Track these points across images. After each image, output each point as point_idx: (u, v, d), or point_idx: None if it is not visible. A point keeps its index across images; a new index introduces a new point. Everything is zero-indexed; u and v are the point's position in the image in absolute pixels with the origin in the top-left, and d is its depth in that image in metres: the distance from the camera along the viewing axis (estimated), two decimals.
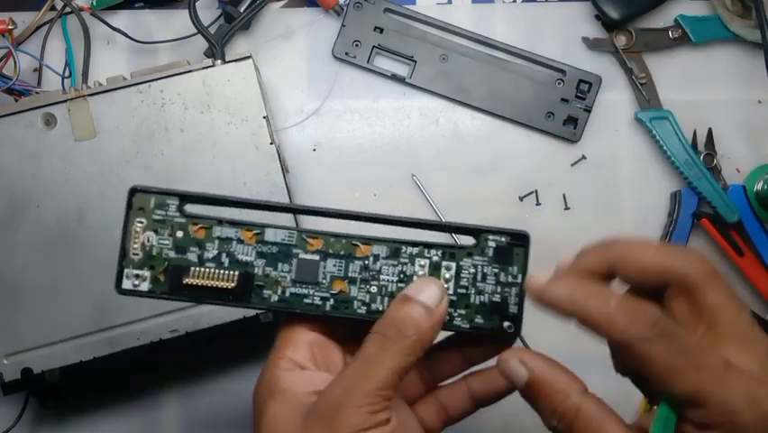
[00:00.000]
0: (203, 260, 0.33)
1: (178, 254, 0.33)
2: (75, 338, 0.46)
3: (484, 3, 0.57)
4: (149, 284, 0.33)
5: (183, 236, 0.33)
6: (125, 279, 0.33)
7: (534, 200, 0.55)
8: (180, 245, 0.33)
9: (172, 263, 0.33)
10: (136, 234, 0.33)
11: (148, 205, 0.33)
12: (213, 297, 0.33)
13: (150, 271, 0.33)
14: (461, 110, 0.56)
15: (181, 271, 0.33)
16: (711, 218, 0.54)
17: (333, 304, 0.34)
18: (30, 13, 0.54)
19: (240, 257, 0.33)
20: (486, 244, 0.35)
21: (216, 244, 0.33)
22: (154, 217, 0.33)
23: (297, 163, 0.55)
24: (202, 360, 0.53)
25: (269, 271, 0.34)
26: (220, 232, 0.33)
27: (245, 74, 0.48)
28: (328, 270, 0.34)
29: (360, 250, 0.34)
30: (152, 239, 0.33)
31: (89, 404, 0.53)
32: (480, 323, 0.35)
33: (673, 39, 0.56)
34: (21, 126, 0.47)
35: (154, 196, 0.33)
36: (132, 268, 0.33)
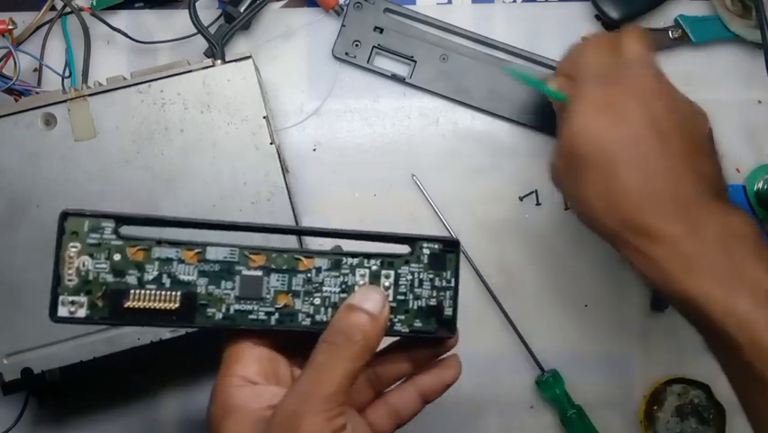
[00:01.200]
0: (143, 282, 0.33)
1: (116, 278, 0.33)
2: (75, 338, 0.46)
3: (484, 3, 0.57)
4: (86, 310, 0.32)
5: (121, 259, 0.33)
6: (61, 306, 0.32)
7: (534, 200, 0.55)
8: (118, 268, 0.33)
9: (110, 288, 0.32)
10: (70, 259, 0.32)
11: (82, 228, 0.33)
12: (155, 319, 0.33)
13: (87, 297, 0.32)
14: (461, 110, 0.56)
15: (121, 294, 0.33)
16: None
17: (279, 318, 0.34)
18: (30, 13, 0.54)
19: (181, 277, 0.33)
20: (421, 252, 0.36)
21: (156, 266, 0.33)
22: (89, 241, 0.33)
23: (297, 163, 0.55)
24: (202, 360, 0.53)
25: (212, 289, 0.34)
26: (159, 253, 0.33)
27: (245, 74, 0.48)
28: (272, 285, 0.34)
29: (302, 264, 0.35)
30: (88, 263, 0.32)
31: (89, 404, 0.53)
32: (419, 327, 0.36)
33: (673, 39, 0.56)
34: (21, 126, 0.47)
35: (87, 219, 0.33)
36: (68, 294, 0.32)
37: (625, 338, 0.55)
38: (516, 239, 0.55)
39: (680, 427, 0.53)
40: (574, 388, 0.53)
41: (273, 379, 0.35)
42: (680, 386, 0.54)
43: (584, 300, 0.55)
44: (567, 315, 0.55)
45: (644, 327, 0.55)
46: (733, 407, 0.54)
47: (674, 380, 0.54)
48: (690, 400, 0.53)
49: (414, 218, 0.55)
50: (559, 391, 0.53)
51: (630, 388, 0.54)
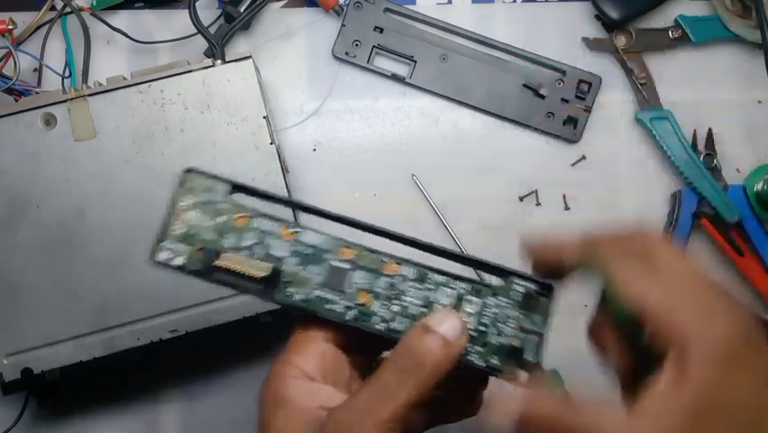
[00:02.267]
0: (238, 247, 0.34)
1: (216, 237, 0.34)
2: (75, 338, 0.46)
3: (484, 3, 0.57)
4: (183, 259, 0.33)
5: (225, 222, 0.34)
6: (161, 251, 0.33)
7: (534, 200, 0.55)
8: (220, 230, 0.34)
9: (209, 244, 0.34)
10: (181, 211, 0.34)
11: (198, 186, 0.34)
12: (240, 284, 0.34)
13: (187, 247, 0.33)
14: (461, 110, 0.56)
15: (216, 253, 0.33)
16: (711, 218, 0.54)
17: (355, 314, 0.34)
18: (30, 13, 0.54)
19: (274, 251, 0.34)
20: (512, 288, 0.35)
21: (254, 235, 0.34)
22: (201, 199, 0.34)
23: (297, 163, 0.55)
24: (202, 360, 0.53)
25: (299, 270, 0.34)
26: (259, 224, 0.34)
27: (245, 74, 0.48)
28: (355, 280, 0.34)
29: (389, 267, 0.34)
30: (195, 218, 0.34)
31: (89, 404, 0.53)
32: (495, 364, 0.34)
33: (673, 39, 0.56)
34: (21, 126, 0.47)
35: (206, 179, 0.35)
36: (171, 242, 0.34)
37: None
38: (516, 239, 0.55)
39: None
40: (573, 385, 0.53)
41: (331, 378, 0.34)
42: None
43: (584, 300, 0.55)
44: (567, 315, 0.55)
45: None
46: None
47: None
48: None
49: (414, 218, 0.55)
50: (559, 392, 0.53)
51: None
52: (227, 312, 0.47)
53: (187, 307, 0.47)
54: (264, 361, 0.53)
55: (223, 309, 0.47)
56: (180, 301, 0.47)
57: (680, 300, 0.29)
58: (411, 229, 0.36)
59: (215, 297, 0.47)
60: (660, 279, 0.30)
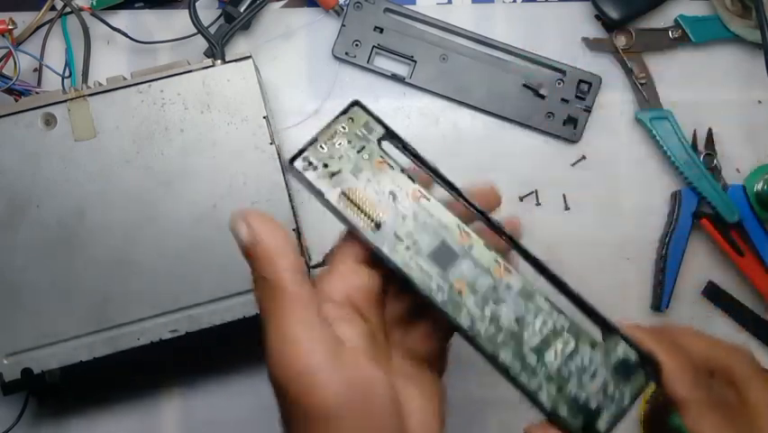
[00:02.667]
0: (367, 188, 0.34)
1: (351, 171, 0.34)
2: (75, 338, 0.46)
3: (484, 3, 0.57)
4: (315, 176, 0.34)
5: (366, 160, 0.34)
6: (300, 159, 0.34)
7: (534, 200, 0.55)
8: (359, 166, 0.34)
9: (342, 175, 0.34)
10: (334, 134, 0.34)
11: (358, 119, 0.35)
12: (350, 219, 0.33)
13: (323, 168, 0.34)
14: (461, 110, 0.56)
15: (344, 183, 0.34)
16: (711, 218, 0.54)
17: (444, 298, 0.33)
18: (30, 13, 0.54)
19: (397, 205, 0.34)
20: (613, 347, 0.33)
21: (386, 183, 0.34)
22: (356, 132, 0.34)
23: None
24: (202, 360, 0.53)
25: (411, 232, 0.33)
26: (395, 176, 0.34)
27: (245, 74, 0.48)
28: (461, 268, 0.33)
29: (498, 270, 0.34)
30: (343, 145, 0.34)
31: (89, 404, 0.53)
32: (562, 415, 0.32)
33: (673, 39, 0.56)
34: (21, 126, 0.47)
35: (368, 116, 0.35)
36: (312, 155, 0.34)
37: None
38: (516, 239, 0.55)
39: None
40: None
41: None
42: None
43: None
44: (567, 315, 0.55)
45: None
46: None
47: None
48: None
49: None
50: None
51: None
52: (227, 312, 0.47)
53: (187, 307, 0.47)
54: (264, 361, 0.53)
55: (223, 309, 0.47)
56: (180, 301, 0.47)
57: None
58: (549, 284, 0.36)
59: (215, 297, 0.47)
60: None
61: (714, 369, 0.35)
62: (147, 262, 0.47)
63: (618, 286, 0.55)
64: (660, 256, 0.54)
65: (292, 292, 0.30)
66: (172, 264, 0.47)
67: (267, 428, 0.53)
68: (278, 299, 0.30)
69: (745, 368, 0.35)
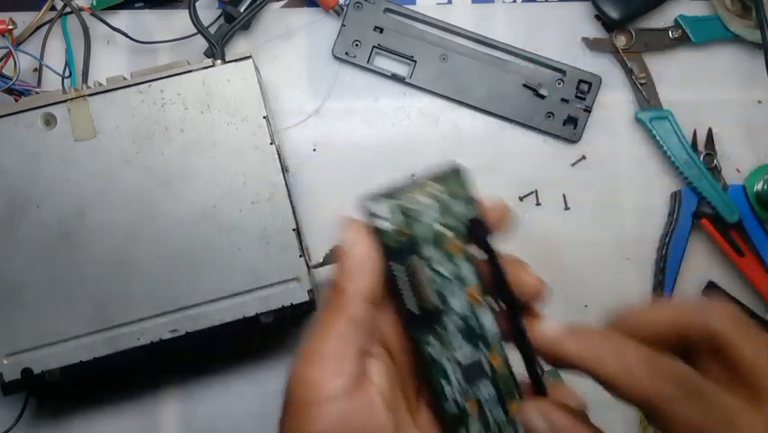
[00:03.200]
0: (431, 264, 0.31)
1: (423, 240, 0.31)
2: (75, 338, 0.46)
3: (484, 3, 0.57)
4: (387, 226, 0.32)
5: (442, 234, 0.32)
6: (379, 204, 0.32)
7: (534, 200, 0.55)
8: (433, 239, 0.32)
9: (415, 239, 0.31)
10: (425, 192, 0.32)
11: (454, 187, 0.32)
12: (402, 291, 0.31)
13: (397, 223, 0.32)
14: (461, 110, 0.56)
15: (411, 249, 0.31)
16: (711, 218, 0.54)
17: (453, 408, 0.31)
18: (30, 13, 0.54)
19: (451, 299, 0.31)
20: None
21: (451, 269, 0.32)
22: (446, 201, 0.32)
23: (297, 163, 0.55)
24: (202, 360, 0.53)
25: (455, 333, 0.31)
26: (462, 265, 0.32)
27: (245, 74, 0.48)
28: (482, 389, 0.32)
29: (513, 405, 0.32)
30: (427, 210, 0.32)
31: (89, 404, 0.53)
32: None
33: (673, 39, 0.56)
34: (21, 126, 0.47)
35: (464, 190, 0.32)
36: (391, 206, 0.32)
37: None
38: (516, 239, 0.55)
39: None
40: (574, 388, 0.53)
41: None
42: None
43: (584, 300, 0.55)
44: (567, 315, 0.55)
45: None
46: None
47: None
48: None
49: None
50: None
51: None
52: (227, 312, 0.47)
53: (187, 307, 0.47)
54: (264, 361, 0.53)
55: (223, 309, 0.47)
56: (180, 301, 0.47)
57: None
58: None
59: (215, 297, 0.47)
60: None
61: (689, 339, 0.28)
62: (147, 262, 0.47)
63: (618, 286, 0.55)
64: (660, 256, 0.54)
65: (349, 313, 0.30)
66: (172, 264, 0.47)
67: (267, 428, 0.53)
68: (334, 309, 0.30)
69: (730, 324, 0.28)
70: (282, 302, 0.47)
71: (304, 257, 0.47)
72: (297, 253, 0.47)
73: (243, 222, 0.47)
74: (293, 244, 0.47)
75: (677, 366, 0.27)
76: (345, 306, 0.30)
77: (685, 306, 0.30)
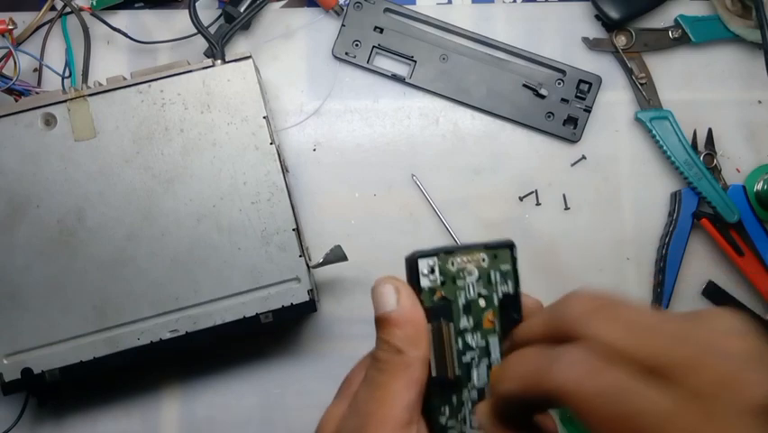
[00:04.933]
0: (462, 334, 0.32)
1: (460, 308, 0.32)
2: (75, 338, 0.46)
3: (484, 3, 0.57)
4: (427, 284, 0.31)
5: (479, 308, 0.32)
6: (427, 259, 0.32)
7: (534, 200, 0.55)
8: (470, 309, 0.32)
9: (450, 303, 0.32)
10: (472, 260, 0.32)
11: (501, 262, 0.32)
12: (440, 360, 0.31)
13: (440, 284, 0.32)
14: (461, 110, 0.56)
15: (446, 313, 0.32)
16: (711, 218, 0.54)
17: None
18: (30, 13, 0.54)
19: (473, 372, 0.32)
20: None
21: (479, 342, 0.32)
22: (491, 274, 0.32)
23: (297, 163, 0.55)
24: (202, 360, 0.53)
25: (467, 404, 0.31)
26: (490, 341, 0.32)
27: (245, 74, 0.48)
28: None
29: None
30: (471, 277, 0.32)
31: (89, 404, 0.53)
32: None
33: (673, 39, 0.56)
34: (21, 126, 0.47)
35: (511, 267, 0.32)
36: (437, 265, 0.32)
37: None
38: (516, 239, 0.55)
39: None
40: None
41: None
42: None
43: None
44: None
45: None
46: None
47: None
48: None
49: (414, 218, 0.55)
50: None
51: None
52: (227, 312, 0.47)
53: (187, 307, 0.47)
54: (264, 361, 0.53)
55: (223, 309, 0.47)
56: (180, 301, 0.47)
57: None
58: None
59: (215, 297, 0.47)
60: None
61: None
62: (147, 262, 0.47)
63: (618, 286, 0.55)
64: (660, 256, 0.54)
65: (415, 379, 0.30)
66: (172, 264, 0.47)
67: (267, 428, 0.54)
68: (398, 373, 0.30)
69: (579, 309, 0.27)
70: (282, 302, 0.47)
71: (304, 257, 0.47)
72: (297, 253, 0.47)
73: (243, 222, 0.47)
74: (293, 244, 0.47)
75: None
76: (411, 372, 0.30)
77: (543, 312, 0.30)
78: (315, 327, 0.54)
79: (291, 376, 0.53)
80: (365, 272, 0.54)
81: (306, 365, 0.53)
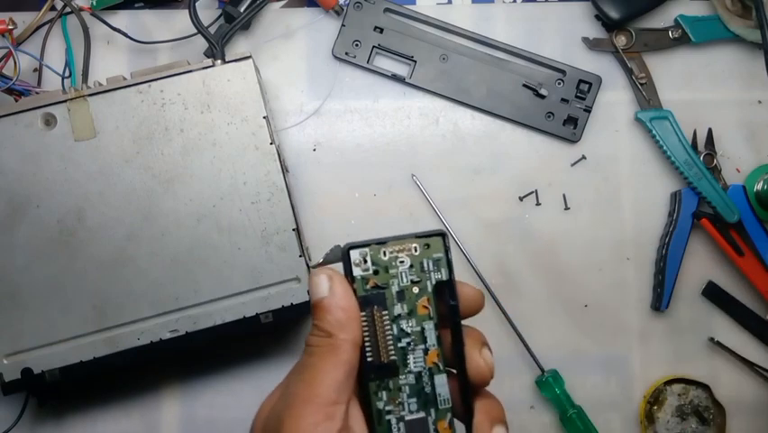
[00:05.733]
0: (395, 319, 0.32)
1: (394, 295, 0.32)
2: (75, 338, 0.46)
3: (484, 3, 0.57)
4: (359, 273, 0.32)
5: (413, 294, 0.33)
6: (356, 250, 0.32)
7: (534, 200, 0.55)
8: (403, 295, 0.32)
9: (383, 290, 0.32)
10: (403, 249, 0.33)
11: (433, 249, 0.33)
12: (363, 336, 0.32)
13: (372, 273, 0.32)
14: (461, 110, 0.56)
15: (381, 300, 0.32)
16: (711, 218, 0.54)
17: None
18: (30, 13, 0.54)
19: (409, 356, 0.32)
20: None
21: (415, 327, 0.32)
22: (423, 262, 0.33)
23: (297, 163, 0.55)
24: (202, 360, 0.53)
25: (405, 389, 0.32)
26: (426, 327, 0.32)
27: (245, 74, 0.48)
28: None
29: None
30: (402, 265, 0.33)
31: (89, 404, 0.53)
32: None
33: (673, 39, 0.56)
34: (21, 126, 0.47)
35: (443, 255, 0.33)
36: (368, 256, 0.32)
37: (625, 338, 0.55)
38: (516, 239, 0.55)
39: (680, 427, 0.53)
40: (574, 388, 0.53)
41: None
42: (680, 386, 0.54)
43: (584, 300, 0.55)
44: (567, 315, 0.55)
45: (644, 327, 0.55)
46: (733, 407, 0.54)
47: (674, 380, 0.54)
48: (690, 400, 0.53)
49: (414, 218, 0.55)
50: (559, 391, 0.53)
51: (630, 388, 0.54)
52: (227, 312, 0.47)
53: (187, 307, 0.47)
54: (264, 361, 0.53)
55: (223, 310, 0.47)
56: (180, 301, 0.47)
57: None
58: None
59: (215, 297, 0.47)
60: None
61: None
62: (147, 262, 0.47)
63: (618, 286, 0.55)
64: (660, 256, 0.54)
65: (345, 360, 0.30)
66: (172, 264, 0.47)
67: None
68: (327, 355, 0.31)
69: None
70: (282, 302, 0.47)
71: (304, 257, 0.47)
72: (297, 252, 0.47)
73: (243, 222, 0.47)
74: (293, 244, 0.47)
75: None
76: (340, 353, 0.30)
77: None
78: None
79: None
80: None
81: None
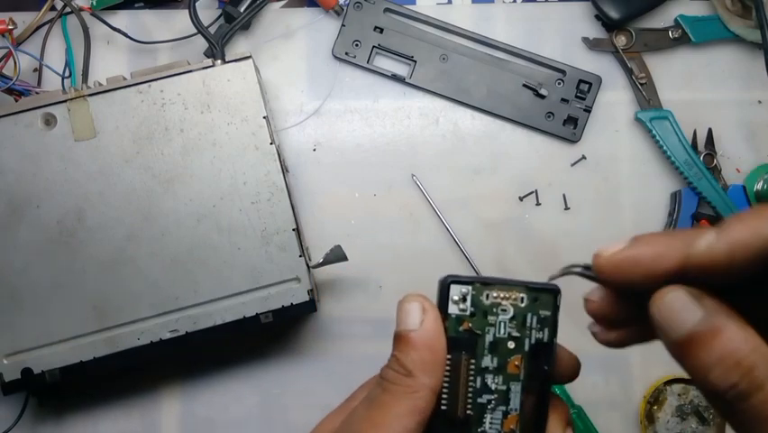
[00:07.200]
0: (481, 373, 0.30)
1: (486, 345, 0.30)
2: (75, 338, 0.46)
3: (484, 3, 0.57)
4: (456, 311, 0.30)
5: (507, 349, 0.30)
6: (460, 286, 0.30)
7: (534, 200, 0.55)
8: (497, 348, 0.30)
9: (477, 337, 0.30)
10: (510, 297, 0.30)
11: (542, 305, 0.30)
12: (444, 392, 0.29)
13: (469, 315, 0.30)
14: (461, 110, 0.56)
15: (471, 347, 0.30)
16: (711, 218, 0.54)
17: None
18: (30, 13, 0.54)
19: (487, 416, 0.30)
20: None
21: (500, 386, 0.30)
22: (527, 316, 0.30)
23: (297, 163, 0.55)
24: (202, 360, 0.53)
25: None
26: (512, 387, 0.30)
27: (245, 74, 0.48)
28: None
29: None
30: (504, 316, 0.30)
31: (89, 404, 0.53)
32: None
33: (673, 39, 0.56)
34: (21, 126, 0.47)
35: (550, 313, 0.31)
36: (470, 294, 0.30)
37: None
38: (516, 239, 0.55)
39: (680, 427, 0.53)
40: (574, 388, 0.53)
41: None
42: (680, 386, 0.54)
43: None
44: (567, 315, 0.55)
45: None
46: None
47: (674, 380, 0.54)
48: (690, 400, 0.53)
49: (414, 218, 0.55)
50: (559, 391, 0.53)
51: (630, 388, 0.54)
52: (227, 312, 0.47)
53: (187, 307, 0.47)
54: (264, 361, 0.53)
55: (223, 309, 0.47)
56: (180, 301, 0.47)
57: None
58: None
59: (215, 297, 0.47)
60: None
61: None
62: (147, 262, 0.47)
63: None
64: None
65: (420, 408, 0.28)
66: (172, 264, 0.47)
67: (266, 428, 0.54)
68: (402, 396, 0.28)
69: None
70: (282, 302, 0.47)
71: (304, 257, 0.47)
72: (297, 252, 0.47)
73: (243, 222, 0.47)
74: (293, 244, 0.47)
75: None
76: (416, 399, 0.28)
77: None
78: (315, 327, 0.54)
79: (291, 376, 0.53)
80: (365, 272, 0.54)
81: (306, 365, 0.53)
